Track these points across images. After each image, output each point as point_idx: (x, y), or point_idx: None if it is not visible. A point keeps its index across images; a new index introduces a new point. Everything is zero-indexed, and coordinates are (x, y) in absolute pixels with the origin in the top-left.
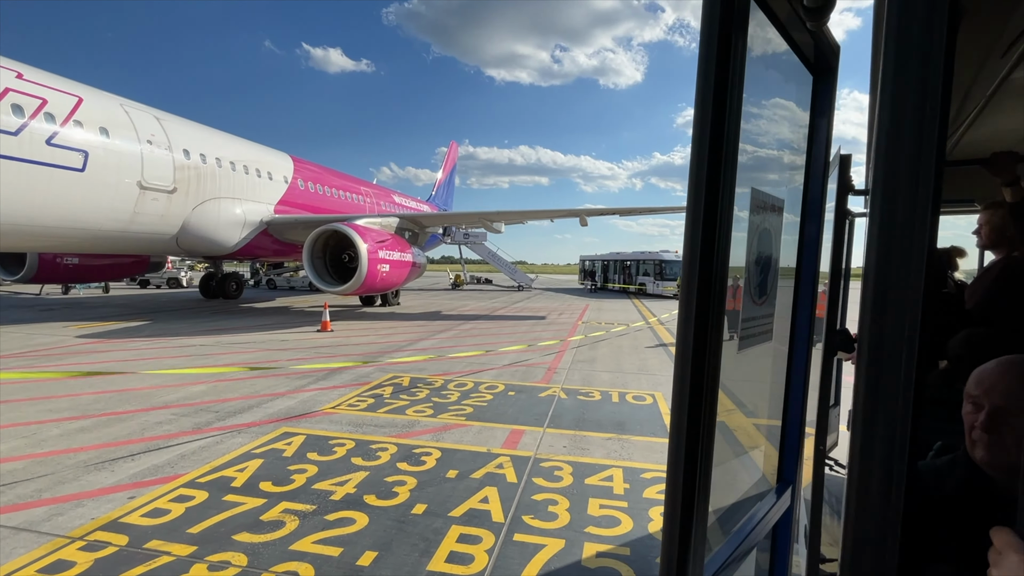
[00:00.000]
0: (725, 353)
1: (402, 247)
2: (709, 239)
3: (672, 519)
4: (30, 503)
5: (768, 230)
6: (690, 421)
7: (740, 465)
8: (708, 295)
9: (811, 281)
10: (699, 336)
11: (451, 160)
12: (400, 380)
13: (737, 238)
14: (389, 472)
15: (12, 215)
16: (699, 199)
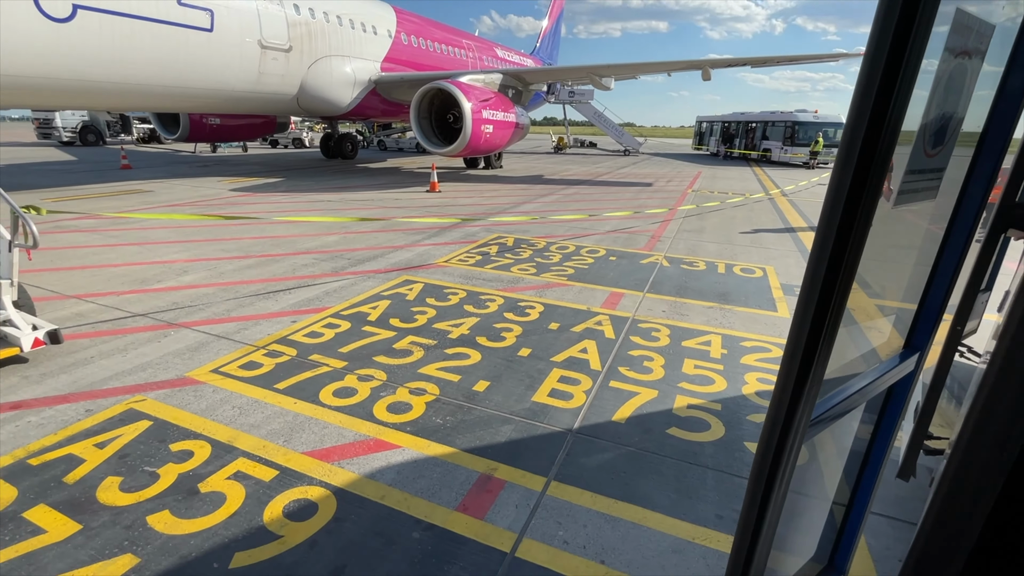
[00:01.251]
0: (880, 205)
1: (505, 106)
2: (891, 75)
3: (793, 356)
4: (224, 319)
5: (964, 68)
6: (829, 268)
7: (870, 318)
8: (875, 143)
9: (999, 142)
10: (857, 181)
11: (557, 6)
12: (505, 240)
13: (922, 80)
14: (497, 320)
15: (168, 78)
16: (891, 15)
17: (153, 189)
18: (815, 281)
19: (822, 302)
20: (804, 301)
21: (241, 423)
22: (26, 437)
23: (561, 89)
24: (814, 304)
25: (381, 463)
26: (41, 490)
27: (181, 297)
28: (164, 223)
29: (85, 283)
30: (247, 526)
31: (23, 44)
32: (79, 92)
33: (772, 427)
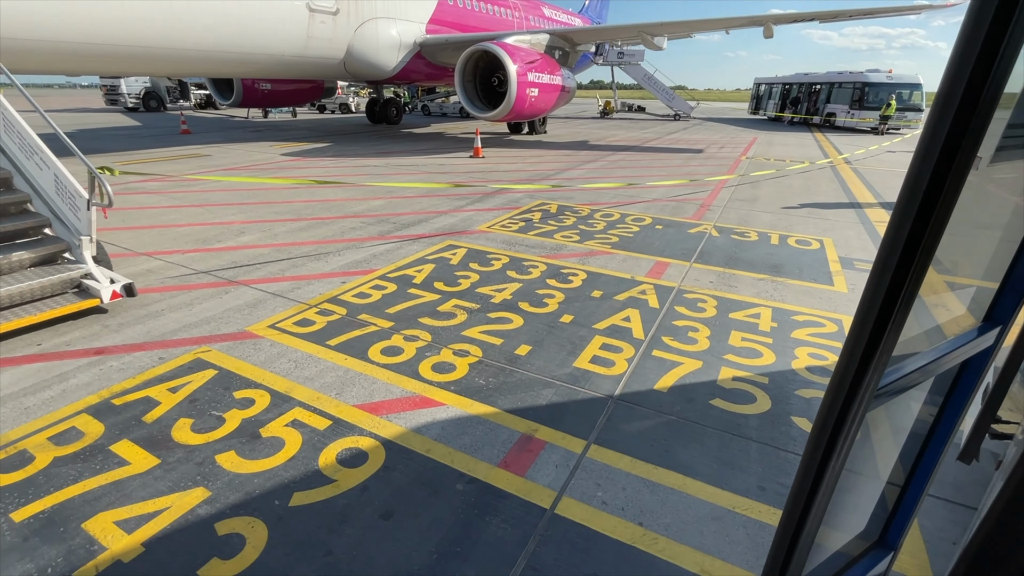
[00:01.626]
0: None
1: (552, 68)
2: (1001, 24)
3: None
4: (279, 278)
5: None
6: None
7: (947, 288)
8: (974, 104)
9: None
10: (950, 144)
11: None
12: (548, 207)
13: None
14: (539, 286)
15: (222, 42)
16: None
17: (211, 153)
18: (896, 241)
19: (902, 265)
20: (883, 260)
21: (297, 375)
22: (109, 380)
23: (610, 50)
24: (893, 265)
25: (426, 419)
26: (124, 427)
27: (239, 256)
28: (222, 186)
29: (153, 241)
30: (304, 469)
31: (93, 12)
32: (142, 58)
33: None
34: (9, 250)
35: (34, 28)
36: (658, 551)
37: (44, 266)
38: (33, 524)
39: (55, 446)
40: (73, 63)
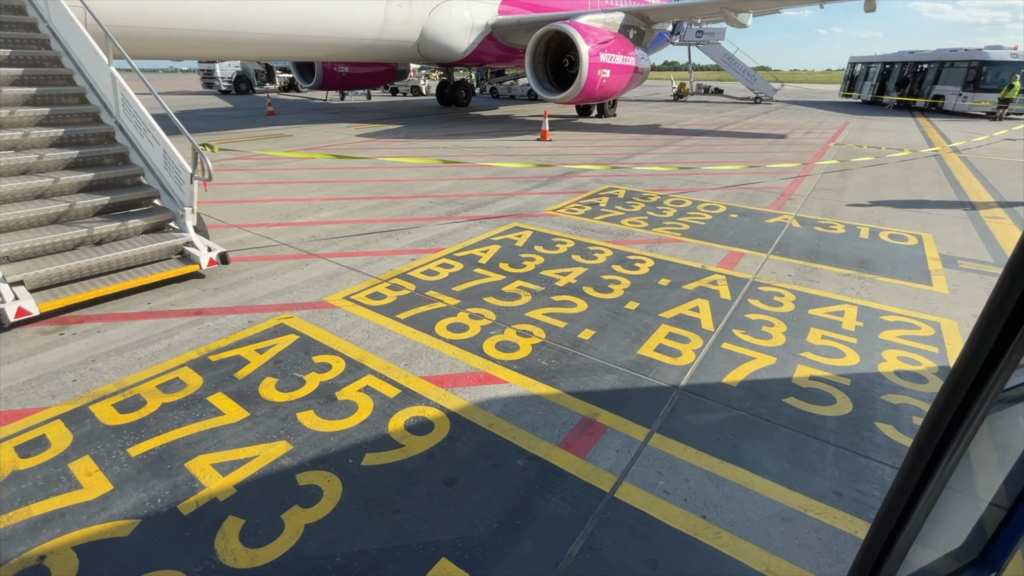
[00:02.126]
0: None
1: (625, 49)
2: None
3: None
4: (353, 253)
5: None
6: None
7: None
8: None
9: None
10: None
11: None
12: (615, 192)
13: None
14: (604, 272)
15: (308, 27)
16: None
17: (293, 134)
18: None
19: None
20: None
21: (369, 345)
22: (206, 338)
23: (688, 29)
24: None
25: (489, 395)
26: (219, 381)
27: (318, 231)
28: (303, 164)
29: (243, 214)
30: (375, 432)
31: (196, 3)
32: (235, 43)
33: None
34: (126, 218)
35: (148, 18)
36: (721, 545)
37: (153, 233)
38: (146, 459)
39: (163, 393)
40: (177, 49)
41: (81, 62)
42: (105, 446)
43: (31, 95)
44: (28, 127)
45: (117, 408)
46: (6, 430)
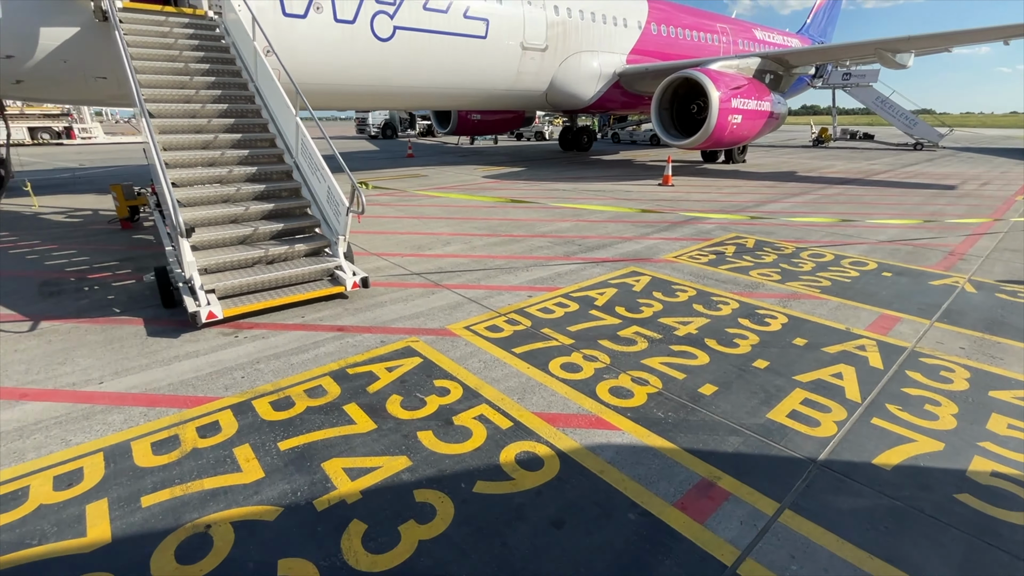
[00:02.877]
0: None
1: (760, 94)
2: None
3: None
4: (475, 286)
5: None
6: None
7: None
8: None
9: None
10: None
11: None
12: (743, 241)
13: None
14: (729, 324)
15: (450, 80)
16: None
17: (427, 174)
18: None
19: None
20: None
21: (485, 375)
22: (346, 352)
23: (832, 71)
24: None
25: (601, 440)
26: (353, 392)
27: (445, 263)
28: (434, 201)
29: (382, 244)
30: (487, 461)
31: (359, 60)
32: (390, 95)
33: None
34: (293, 242)
35: (326, 77)
36: None
37: (312, 256)
38: (291, 455)
39: (308, 397)
40: (343, 102)
41: (274, 112)
42: (261, 437)
43: (237, 140)
44: (232, 165)
45: (272, 406)
46: (192, 412)
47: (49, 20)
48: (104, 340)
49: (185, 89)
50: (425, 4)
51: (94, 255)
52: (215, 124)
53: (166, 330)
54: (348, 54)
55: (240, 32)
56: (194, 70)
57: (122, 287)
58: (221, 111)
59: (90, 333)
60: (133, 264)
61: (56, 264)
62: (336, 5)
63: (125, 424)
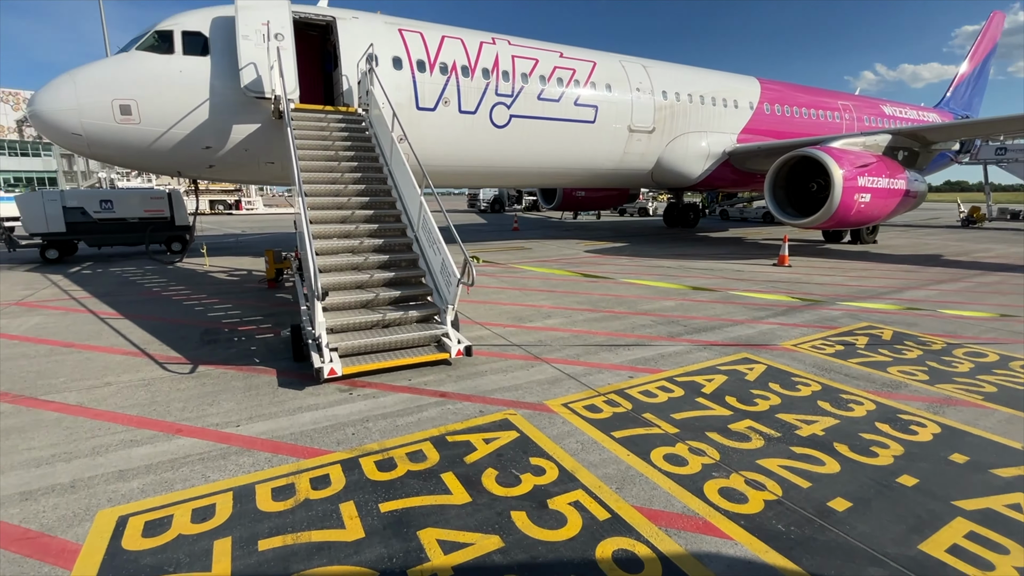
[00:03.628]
0: None
1: (892, 171)
2: None
3: None
4: (574, 361)
5: None
6: None
7: None
8: None
9: None
10: None
11: (986, 41)
12: (878, 332)
13: None
14: (864, 428)
15: (559, 161)
16: None
17: (531, 247)
18: None
19: None
20: None
21: (583, 458)
22: (446, 419)
23: (981, 146)
24: None
25: (710, 548)
26: (451, 461)
27: (545, 336)
28: (537, 274)
29: (485, 314)
30: (581, 555)
31: (478, 145)
32: (502, 175)
33: None
34: (408, 308)
35: (449, 160)
36: None
37: (423, 323)
38: (389, 518)
39: (409, 461)
40: (461, 181)
41: (402, 191)
42: (364, 496)
43: (370, 215)
44: (364, 237)
45: (377, 465)
46: (307, 463)
47: (240, 119)
48: (244, 387)
49: (333, 172)
50: (539, 95)
51: (245, 310)
52: (353, 201)
53: (293, 382)
54: (468, 140)
55: (381, 124)
56: (342, 156)
57: (263, 340)
58: (359, 191)
59: (235, 379)
60: (273, 320)
61: (215, 316)
62: (461, 99)
63: (252, 467)
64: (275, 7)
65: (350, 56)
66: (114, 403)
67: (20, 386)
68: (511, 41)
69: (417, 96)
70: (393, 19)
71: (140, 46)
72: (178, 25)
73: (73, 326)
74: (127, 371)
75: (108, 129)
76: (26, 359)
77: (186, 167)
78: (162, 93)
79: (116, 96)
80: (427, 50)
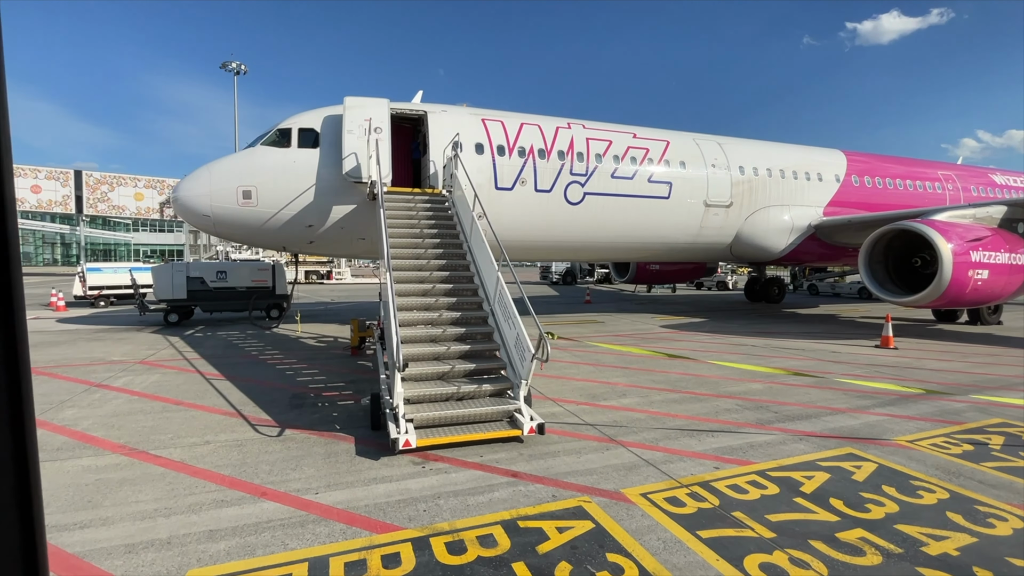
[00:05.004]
0: None
1: (1012, 245)
2: None
3: None
4: (652, 446)
5: None
6: None
7: None
8: None
9: None
10: None
11: None
12: (1015, 430)
13: None
14: (1014, 552)
15: (632, 236)
16: None
17: (604, 321)
18: None
19: None
20: None
21: (665, 559)
22: (518, 502)
23: None
24: None
25: None
26: (523, 550)
27: (620, 416)
28: (611, 350)
29: (557, 390)
30: None
31: (553, 222)
32: (575, 249)
33: None
34: (482, 382)
35: (524, 235)
36: None
37: (495, 397)
38: None
39: (479, 546)
40: (535, 255)
41: (480, 266)
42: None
43: (449, 288)
44: (443, 309)
45: (447, 548)
46: (380, 539)
47: (340, 200)
48: (325, 453)
49: (417, 248)
50: (613, 173)
51: (329, 376)
52: (435, 276)
53: (369, 451)
54: (543, 217)
55: (463, 204)
56: (426, 234)
57: (344, 406)
58: (440, 265)
59: (316, 445)
60: (354, 387)
61: (303, 380)
62: (537, 179)
63: (328, 538)
64: (377, 105)
65: (438, 144)
66: (211, 461)
67: (136, 439)
68: (586, 125)
69: (496, 177)
70: (477, 110)
71: (264, 141)
72: (296, 123)
73: (184, 385)
74: (224, 430)
75: (231, 211)
76: (143, 414)
77: (290, 242)
78: (277, 180)
79: (241, 183)
80: (507, 136)
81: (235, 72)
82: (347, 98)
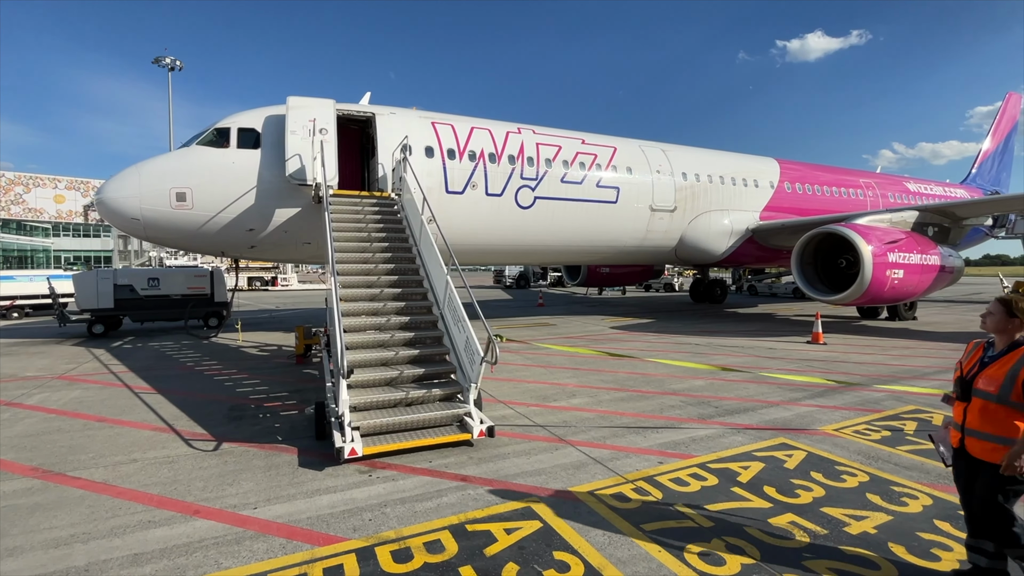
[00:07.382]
0: None
1: (923, 247)
2: None
3: None
4: (600, 444)
5: None
6: None
7: None
8: None
9: None
10: None
11: (1006, 119)
12: (927, 415)
13: None
14: (923, 527)
15: (582, 239)
16: None
17: (556, 323)
18: None
19: None
20: None
21: (610, 554)
22: (466, 506)
23: (1016, 220)
24: None
25: None
26: (470, 553)
27: (569, 417)
28: (562, 352)
29: (508, 392)
30: None
31: (505, 225)
32: (527, 252)
33: None
34: (431, 386)
35: (476, 239)
36: None
37: (445, 401)
38: None
39: (426, 552)
40: (488, 259)
41: (429, 270)
42: None
43: (398, 293)
44: (391, 314)
45: (393, 556)
46: (322, 551)
47: (283, 203)
48: (265, 466)
49: (364, 252)
50: (563, 178)
51: (272, 385)
52: (383, 280)
53: (313, 462)
54: (494, 221)
55: (412, 208)
56: (374, 238)
57: (287, 416)
58: (388, 269)
59: (256, 458)
60: (299, 396)
61: (243, 391)
62: (488, 183)
63: (266, 554)
64: (321, 106)
65: (386, 146)
66: (137, 481)
67: (51, 461)
68: (535, 130)
69: (447, 181)
70: (427, 113)
71: (200, 141)
72: (235, 123)
73: (109, 400)
74: (153, 447)
75: (163, 214)
76: (60, 433)
77: (230, 247)
78: (215, 181)
79: (174, 185)
80: (457, 140)
81: (169, 68)
82: (290, 98)
